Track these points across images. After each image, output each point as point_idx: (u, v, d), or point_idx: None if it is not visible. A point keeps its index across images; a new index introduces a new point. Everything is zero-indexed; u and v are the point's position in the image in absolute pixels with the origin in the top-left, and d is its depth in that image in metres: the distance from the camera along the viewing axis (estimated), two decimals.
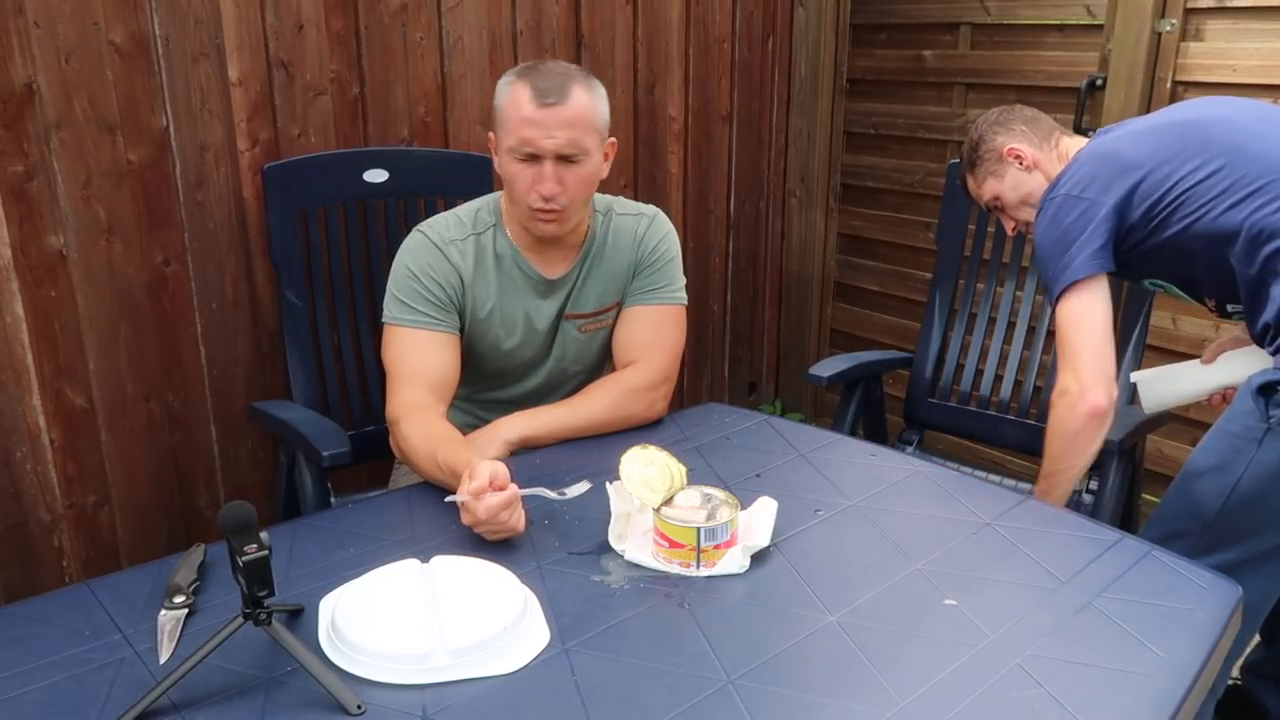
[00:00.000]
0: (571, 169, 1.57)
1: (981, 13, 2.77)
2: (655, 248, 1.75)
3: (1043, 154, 1.85)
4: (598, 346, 1.80)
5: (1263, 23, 2.29)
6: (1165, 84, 2.44)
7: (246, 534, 1.02)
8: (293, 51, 2.09)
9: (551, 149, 1.55)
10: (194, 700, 1.02)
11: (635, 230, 1.75)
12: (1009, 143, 1.86)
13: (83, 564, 2.03)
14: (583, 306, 1.75)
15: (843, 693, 1.05)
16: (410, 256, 1.66)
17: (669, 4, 2.77)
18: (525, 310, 1.72)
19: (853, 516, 1.42)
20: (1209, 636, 1.15)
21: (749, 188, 3.20)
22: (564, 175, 1.57)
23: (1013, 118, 1.89)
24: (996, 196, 1.91)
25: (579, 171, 1.58)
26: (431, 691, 1.05)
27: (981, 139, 1.90)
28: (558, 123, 1.54)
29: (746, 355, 3.39)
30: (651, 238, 1.75)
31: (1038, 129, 1.87)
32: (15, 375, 1.87)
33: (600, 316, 1.76)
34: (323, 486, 1.83)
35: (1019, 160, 1.85)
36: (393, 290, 1.66)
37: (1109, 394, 1.66)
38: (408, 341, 1.64)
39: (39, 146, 1.82)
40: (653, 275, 1.75)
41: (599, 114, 1.60)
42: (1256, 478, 1.51)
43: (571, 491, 1.35)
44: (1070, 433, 1.69)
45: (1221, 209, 1.59)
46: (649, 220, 1.76)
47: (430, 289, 1.64)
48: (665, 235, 1.77)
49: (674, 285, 1.77)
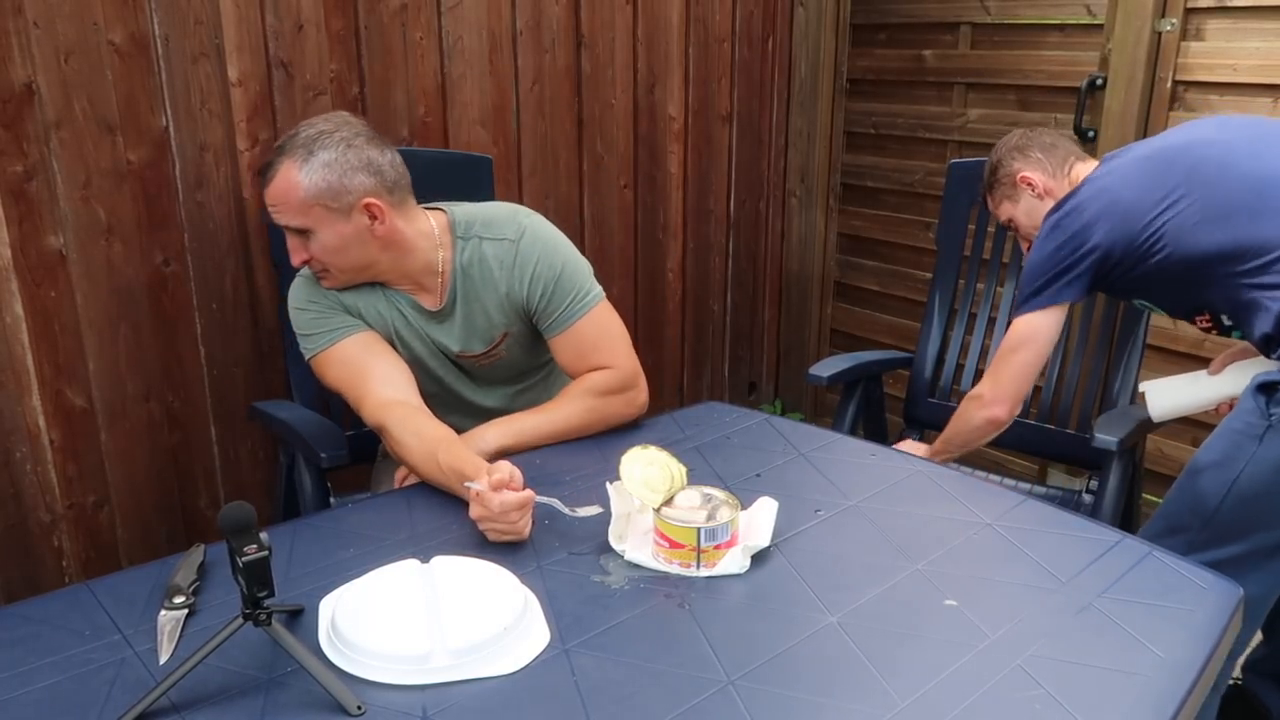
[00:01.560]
0: (312, 239, 1.56)
1: (981, 12, 2.77)
2: (534, 279, 1.64)
3: (1055, 182, 1.91)
4: (503, 371, 1.76)
5: (1263, 22, 2.29)
6: (1165, 84, 2.44)
7: (246, 534, 1.02)
8: (292, 51, 2.09)
9: (282, 224, 1.56)
10: (194, 701, 1.02)
11: (503, 260, 1.65)
12: (1023, 170, 1.93)
13: (83, 564, 2.03)
14: (472, 346, 1.70)
15: (843, 693, 1.05)
16: (294, 298, 1.66)
17: (669, 4, 2.77)
18: (411, 330, 1.68)
19: (853, 516, 1.42)
20: (1209, 637, 1.15)
21: (749, 188, 3.20)
22: (307, 245, 1.57)
23: (1031, 144, 1.95)
24: (1011, 219, 1.99)
25: (318, 241, 1.56)
26: (431, 692, 1.04)
27: (1000, 163, 1.97)
28: (271, 201, 1.55)
29: (746, 355, 3.39)
30: (524, 269, 1.64)
31: (1054, 156, 1.92)
32: (15, 375, 1.87)
33: (492, 352, 1.72)
34: (322, 487, 1.83)
35: (1031, 187, 1.92)
36: (298, 331, 1.65)
37: (1010, 412, 1.90)
38: (339, 357, 1.62)
39: (39, 146, 1.82)
40: (552, 303, 1.66)
41: (308, 189, 1.52)
42: (1257, 474, 1.53)
43: (583, 511, 1.36)
44: (969, 428, 1.93)
45: (1202, 233, 1.66)
46: (514, 245, 1.64)
47: (325, 310, 1.63)
48: (539, 258, 1.64)
49: (581, 293, 1.67)
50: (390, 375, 1.61)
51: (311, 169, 1.52)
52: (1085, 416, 2.20)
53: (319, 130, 1.54)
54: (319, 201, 1.53)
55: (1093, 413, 2.17)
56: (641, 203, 2.87)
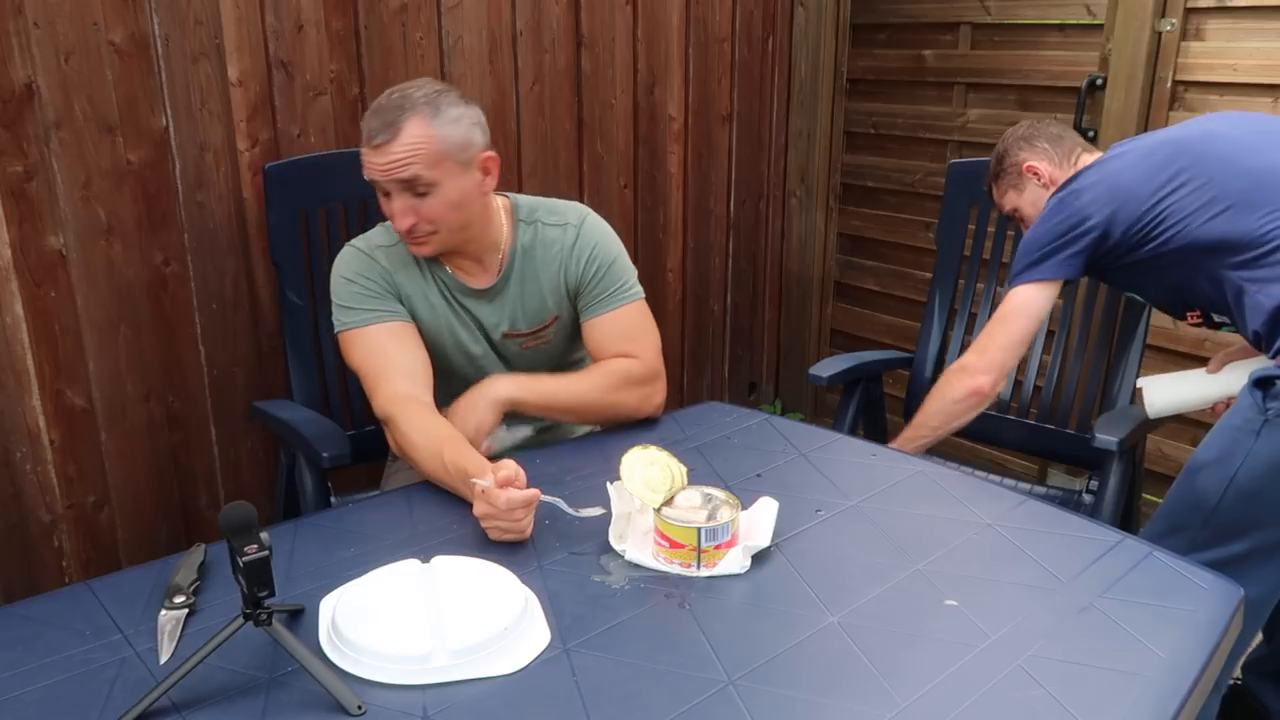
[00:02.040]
0: (424, 200, 1.57)
1: (982, 12, 2.77)
2: (590, 259, 1.71)
3: (1060, 171, 1.91)
4: (545, 360, 1.78)
5: (1263, 22, 2.29)
6: (1165, 84, 2.44)
7: (246, 534, 1.02)
8: (293, 51, 2.09)
9: (394, 185, 1.56)
10: (194, 700, 1.02)
11: (563, 242, 1.71)
12: (1029, 159, 1.93)
13: (83, 564, 2.03)
14: (519, 325, 1.73)
15: (843, 693, 1.05)
16: (342, 266, 1.67)
17: (669, 4, 2.77)
18: (456, 315, 1.71)
19: (853, 516, 1.42)
20: (1210, 637, 1.15)
21: (749, 188, 3.20)
22: (418, 206, 1.57)
23: (1037, 134, 1.95)
24: (1015, 209, 1.99)
25: (432, 202, 1.57)
26: (432, 692, 1.04)
27: (1006, 152, 1.98)
28: (390, 162, 1.54)
29: (746, 355, 3.39)
30: (582, 250, 1.71)
31: (1060, 147, 1.93)
32: (15, 376, 1.87)
33: (540, 333, 1.74)
34: (323, 486, 1.83)
35: (1037, 177, 1.92)
36: (336, 301, 1.66)
37: (994, 385, 1.85)
38: (368, 339, 1.63)
39: (39, 147, 1.82)
40: (600, 284, 1.72)
41: (442, 141, 1.55)
42: (1254, 470, 1.54)
43: (586, 512, 1.36)
44: (950, 399, 1.87)
45: (1199, 222, 1.67)
46: (576, 230, 1.72)
47: (368, 287, 1.65)
48: (597, 243, 1.72)
49: (628, 284, 1.75)
50: (411, 370, 1.62)
51: (443, 123, 1.55)
52: (1085, 416, 2.20)
53: (435, 89, 1.57)
54: (450, 155, 1.56)
55: (1093, 413, 2.17)
56: (641, 203, 2.87)
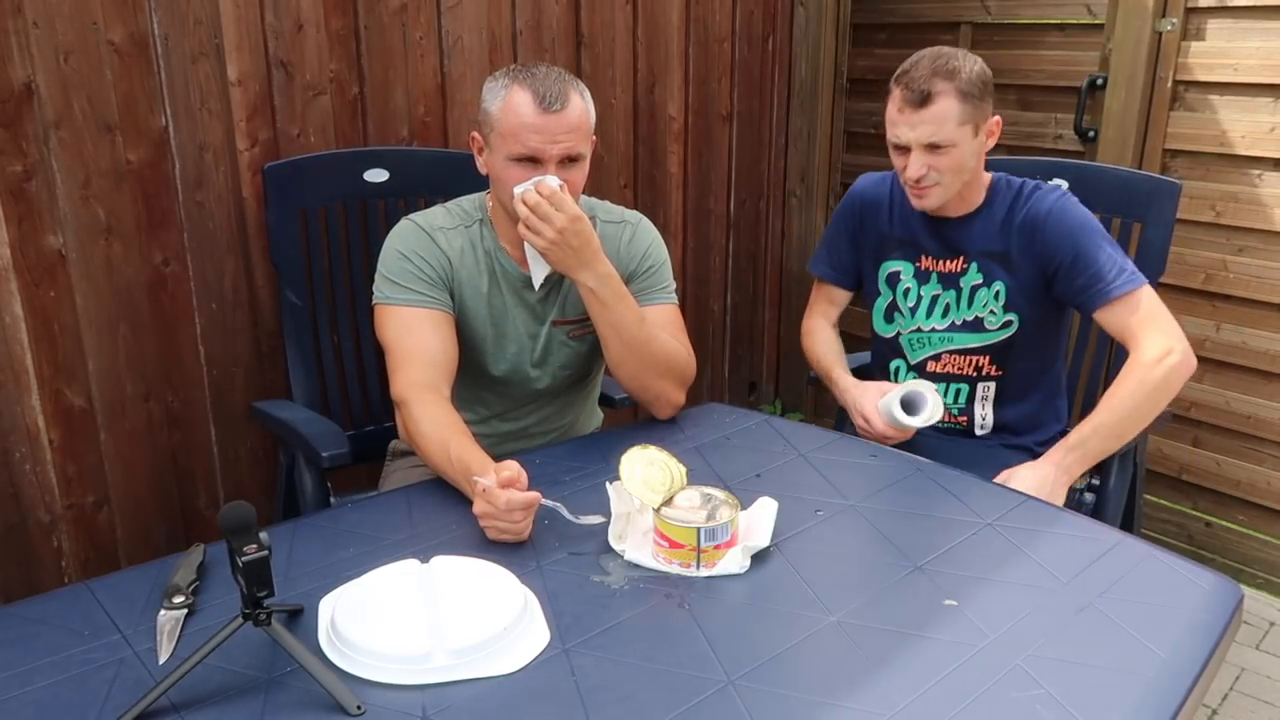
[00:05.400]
0: (574, 169, 1.62)
1: (982, 12, 2.77)
2: (645, 254, 1.77)
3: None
4: (586, 351, 1.80)
5: (1264, 22, 2.29)
6: (1166, 84, 2.44)
7: (246, 534, 1.02)
8: (292, 51, 2.09)
9: (556, 154, 1.58)
10: (194, 701, 1.02)
11: (620, 237, 1.77)
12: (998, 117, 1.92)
13: (82, 564, 2.03)
14: (569, 312, 1.76)
15: (843, 693, 1.05)
16: (399, 240, 1.69)
17: (669, 4, 2.77)
18: (506, 306, 1.73)
19: (853, 516, 1.42)
20: (1210, 637, 1.15)
21: (749, 187, 3.20)
22: (566, 177, 1.60)
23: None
24: (948, 141, 1.87)
25: (581, 170, 1.64)
26: (431, 692, 1.04)
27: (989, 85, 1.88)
28: (561, 129, 1.57)
29: (746, 355, 3.39)
30: (639, 246, 1.77)
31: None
32: (14, 375, 1.87)
33: (587, 322, 1.75)
34: (322, 486, 1.83)
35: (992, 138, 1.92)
36: (383, 271, 1.68)
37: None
38: (404, 320, 1.65)
39: (38, 146, 1.81)
40: (651, 278, 1.78)
41: (593, 119, 1.64)
42: None
43: (586, 519, 1.36)
44: (1169, 387, 1.75)
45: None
46: (633, 228, 1.79)
47: (421, 268, 1.66)
48: (652, 242, 1.79)
49: (671, 287, 1.81)
50: (436, 360, 1.63)
51: (588, 101, 1.63)
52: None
53: (559, 71, 1.62)
54: (592, 130, 1.65)
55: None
56: (641, 203, 2.86)
